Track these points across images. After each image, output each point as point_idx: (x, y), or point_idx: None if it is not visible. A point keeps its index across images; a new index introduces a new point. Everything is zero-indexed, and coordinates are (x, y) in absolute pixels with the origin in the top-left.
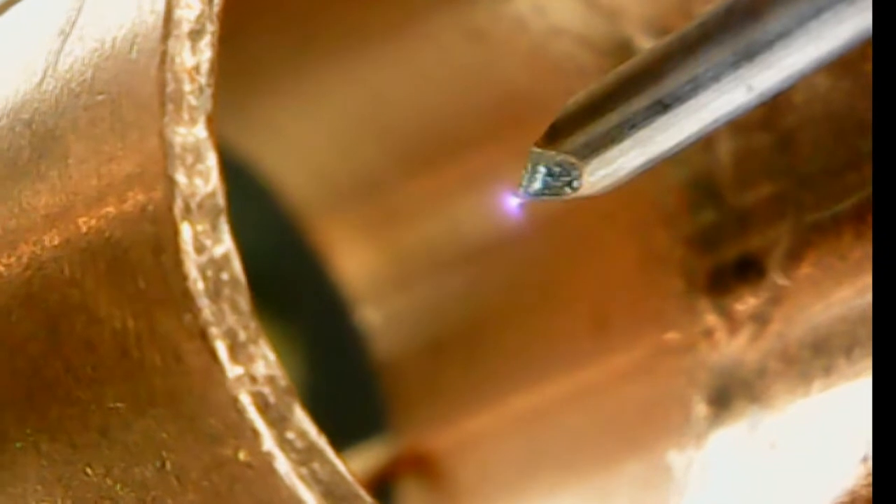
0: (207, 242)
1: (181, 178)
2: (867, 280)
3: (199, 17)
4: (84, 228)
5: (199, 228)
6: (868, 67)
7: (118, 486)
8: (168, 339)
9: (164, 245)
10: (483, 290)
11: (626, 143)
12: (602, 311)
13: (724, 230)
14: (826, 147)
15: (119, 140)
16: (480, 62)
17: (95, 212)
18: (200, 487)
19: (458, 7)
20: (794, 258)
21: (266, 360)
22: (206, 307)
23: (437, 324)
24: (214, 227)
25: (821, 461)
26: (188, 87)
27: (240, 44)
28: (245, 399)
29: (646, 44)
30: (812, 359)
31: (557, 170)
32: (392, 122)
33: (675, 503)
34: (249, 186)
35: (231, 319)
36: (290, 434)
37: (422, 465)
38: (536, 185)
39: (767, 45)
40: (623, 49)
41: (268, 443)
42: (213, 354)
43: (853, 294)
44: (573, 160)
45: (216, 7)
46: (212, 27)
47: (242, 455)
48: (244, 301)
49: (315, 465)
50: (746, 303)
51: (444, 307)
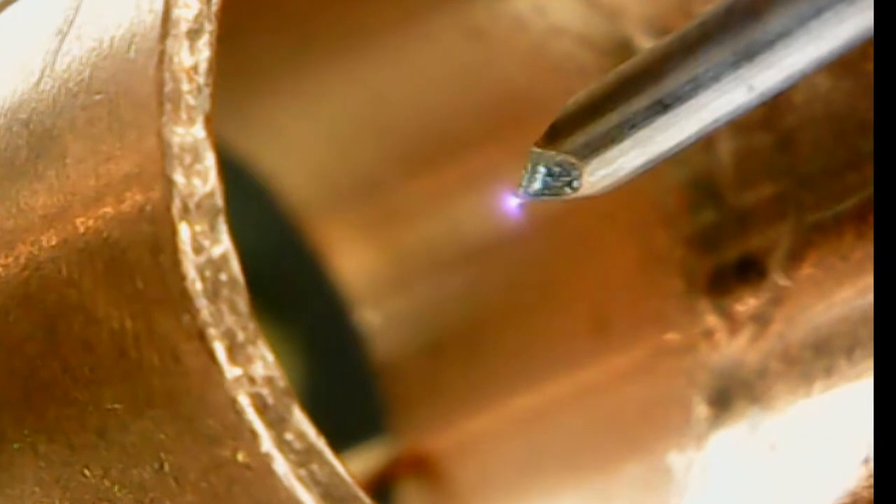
0: (206, 243)
1: (179, 178)
2: (868, 280)
3: (198, 17)
4: (82, 228)
5: (198, 229)
6: (869, 67)
7: (116, 488)
8: (166, 340)
9: (163, 245)
10: (483, 291)
11: (627, 143)
12: (602, 312)
13: (725, 230)
14: (827, 147)
15: (117, 140)
16: (480, 62)
17: (93, 212)
18: (199, 489)
19: (458, 6)
20: (795, 258)
21: (265, 361)
22: (205, 308)
23: (437, 324)
24: (213, 228)
25: (822, 462)
26: (186, 87)
27: (239, 43)
28: (243, 400)
29: (646, 43)
30: (813, 360)
31: (557, 170)
32: (391, 122)
33: None
34: (248, 186)
35: (229, 320)
36: (289, 435)
37: (421, 467)
38: (536, 185)
39: (768, 45)
40: (623, 49)
41: (266, 444)
42: (212, 355)
43: (854, 294)
44: (573, 160)
45: (214, 6)
46: (210, 26)
47: (241, 456)
48: (243, 302)
49: (314, 467)
50: (747, 303)
51: (444, 308)
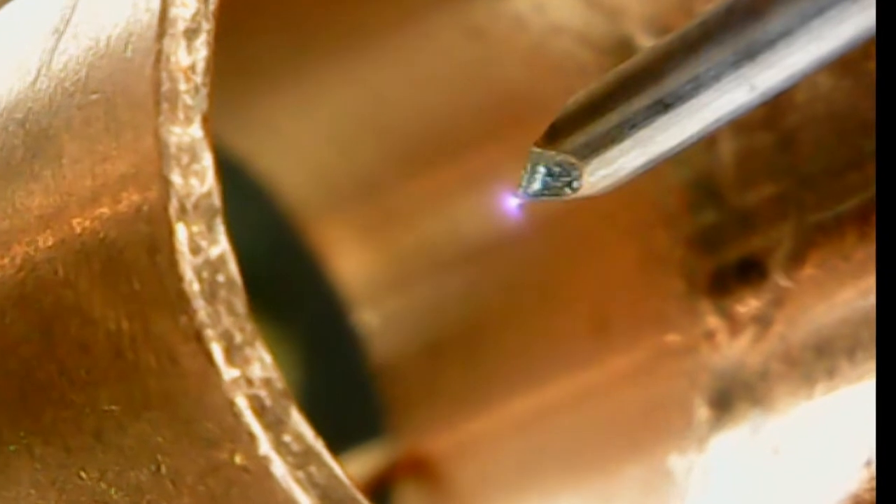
0: (203, 243)
1: (176, 179)
2: (870, 281)
3: (195, 16)
4: (78, 229)
5: (195, 229)
6: (871, 66)
7: (112, 491)
8: (163, 341)
9: (160, 246)
10: (482, 291)
11: (627, 143)
12: (602, 313)
13: (726, 231)
14: (828, 147)
15: (113, 140)
16: (480, 61)
17: (90, 212)
18: (196, 492)
19: (457, 6)
20: (797, 259)
21: (262, 363)
22: (202, 309)
23: (437, 325)
24: (210, 228)
25: (824, 465)
26: (183, 87)
27: (236, 42)
28: (241, 402)
29: (646, 42)
30: (815, 361)
31: (557, 170)
32: (391, 122)
33: None
34: (246, 186)
35: (227, 321)
36: (287, 437)
37: (420, 469)
38: (536, 186)
39: (769, 44)
40: (624, 48)
41: (264, 446)
42: (209, 357)
43: (856, 295)
44: (573, 160)
45: (212, 5)
46: (207, 25)
47: (238, 459)
48: (240, 303)
49: (312, 469)
50: (748, 304)
51: (444, 308)
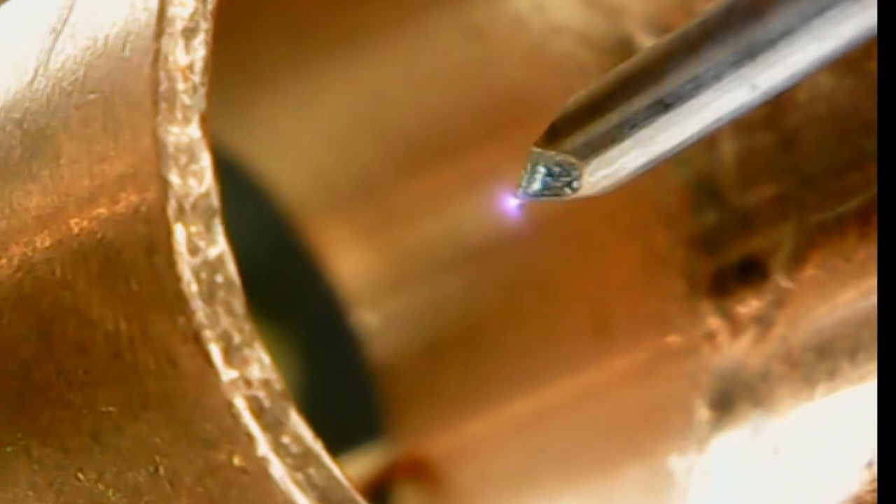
0: (201, 244)
1: (175, 179)
2: (872, 282)
3: (193, 15)
4: (76, 229)
5: (193, 229)
6: (872, 66)
7: (110, 492)
8: (161, 342)
9: (158, 246)
10: (482, 291)
11: (627, 143)
12: (603, 313)
13: (727, 231)
14: (830, 146)
15: (111, 140)
16: (479, 61)
17: (87, 213)
18: (194, 493)
19: (457, 5)
20: (798, 260)
21: (261, 364)
22: (200, 309)
23: (436, 326)
24: (208, 229)
25: (825, 466)
26: (182, 86)
27: (235, 42)
28: (240, 403)
29: (647, 42)
30: (816, 362)
31: (557, 170)
32: (390, 122)
33: None
34: (244, 186)
35: (225, 322)
36: (286, 439)
37: (420, 470)
38: (536, 186)
39: (770, 44)
40: (624, 47)
41: (263, 448)
42: (208, 358)
43: (858, 296)
44: (573, 160)
45: (210, 5)
46: (206, 25)
47: (237, 460)
48: (239, 303)
49: (311, 471)
50: (749, 305)
51: (443, 309)
